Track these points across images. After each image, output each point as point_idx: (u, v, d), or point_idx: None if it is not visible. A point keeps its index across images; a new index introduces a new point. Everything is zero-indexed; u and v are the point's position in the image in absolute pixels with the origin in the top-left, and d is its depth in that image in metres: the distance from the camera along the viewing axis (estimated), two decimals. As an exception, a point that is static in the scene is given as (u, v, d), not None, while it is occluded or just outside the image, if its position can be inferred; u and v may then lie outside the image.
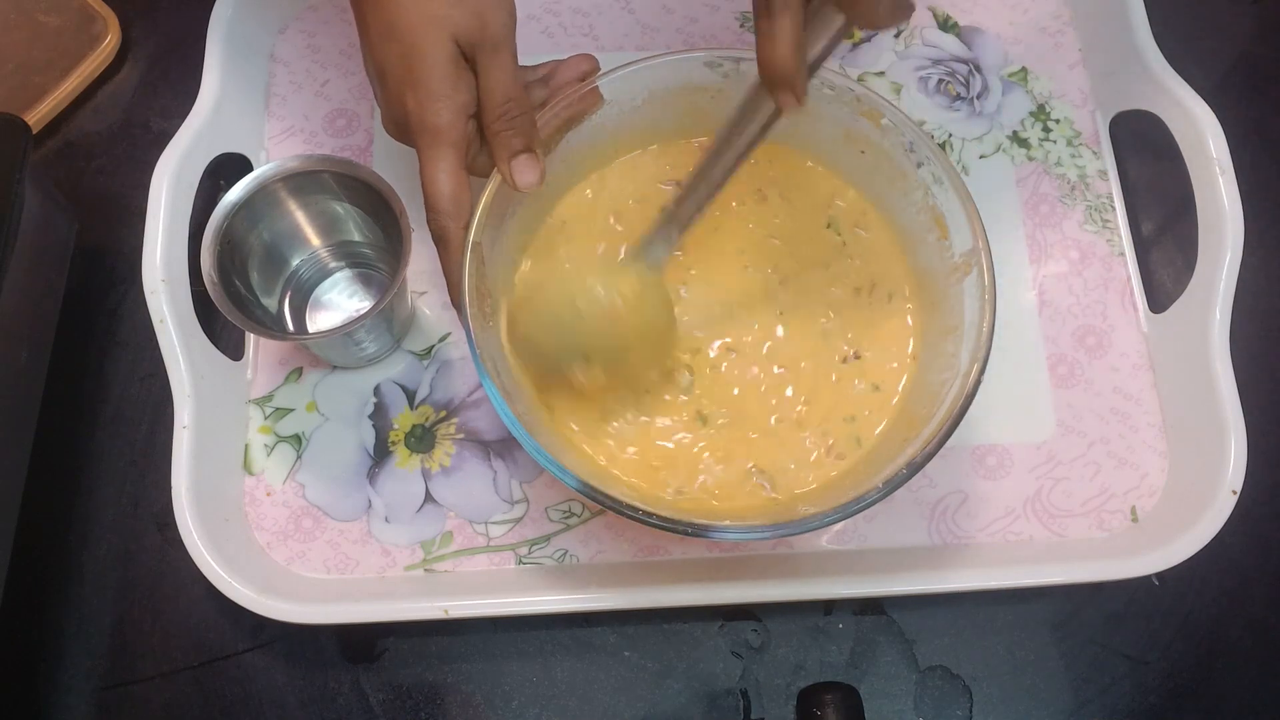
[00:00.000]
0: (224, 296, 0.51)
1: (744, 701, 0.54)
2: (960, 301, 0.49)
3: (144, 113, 0.65)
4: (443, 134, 0.47)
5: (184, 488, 0.51)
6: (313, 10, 0.66)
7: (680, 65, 0.52)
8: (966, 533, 0.57)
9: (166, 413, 0.53)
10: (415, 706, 0.54)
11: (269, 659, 0.55)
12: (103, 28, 0.65)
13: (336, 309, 0.60)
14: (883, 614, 0.56)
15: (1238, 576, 0.57)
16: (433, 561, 0.56)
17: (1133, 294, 0.61)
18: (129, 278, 0.61)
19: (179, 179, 0.56)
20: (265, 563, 0.55)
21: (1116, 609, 0.56)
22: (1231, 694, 0.56)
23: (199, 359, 0.54)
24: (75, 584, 0.56)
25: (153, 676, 0.55)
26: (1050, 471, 0.58)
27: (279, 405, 0.58)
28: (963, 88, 0.66)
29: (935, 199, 0.50)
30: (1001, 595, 0.56)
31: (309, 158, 0.54)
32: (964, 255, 0.49)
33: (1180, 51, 0.61)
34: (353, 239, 0.59)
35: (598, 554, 0.56)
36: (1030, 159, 0.64)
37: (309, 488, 0.57)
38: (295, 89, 0.65)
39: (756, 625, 0.56)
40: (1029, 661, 0.55)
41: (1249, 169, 0.58)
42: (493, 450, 0.58)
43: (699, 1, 0.67)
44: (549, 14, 0.67)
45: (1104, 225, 0.63)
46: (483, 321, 0.48)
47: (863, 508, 0.44)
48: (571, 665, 0.55)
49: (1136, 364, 0.60)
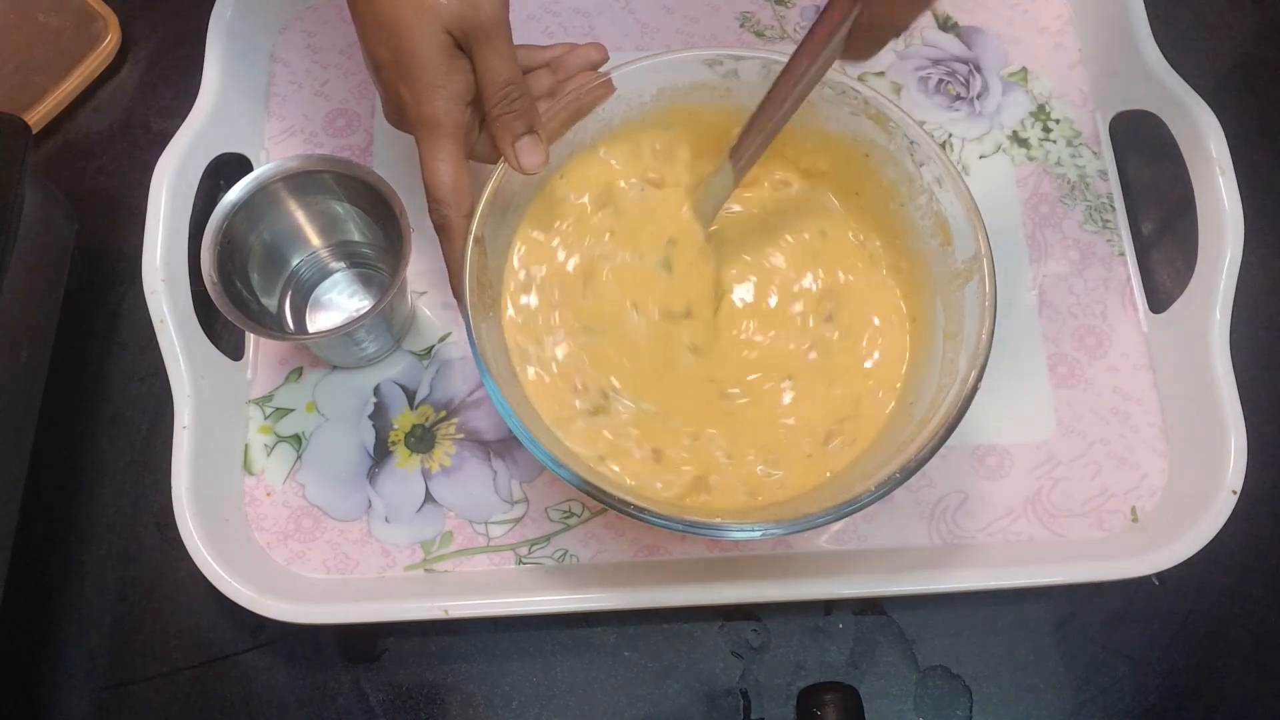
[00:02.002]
0: (224, 296, 0.51)
1: (744, 701, 0.54)
2: (961, 307, 0.49)
3: (144, 113, 0.65)
4: (440, 124, 0.48)
5: (184, 488, 0.51)
6: (313, 10, 0.67)
7: (688, 64, 0.52)
8: (966, 533, 0.57)
9: (166, 413, 0.53)
10: (415, 706, 0.54)
11: (269, 659, 0.55)
12: (103, 28, 0.65)
13: (336, 309, 0.60)
14: (883, 614, 0.56)
15: (1238, 576, 0.57)
16: (433, 561, 0.56)
17: (1133, 294, 0.61)
18: (129, 278, 0.61)
19: (179, 179, 0.56)
20: (265, 563, 0.55)
21: (1116, 609, 0.56)
22: (1231, 694, 0.56)
23: (199, 359, 0.54)
24: (75, 584, 0.56)
25: (153, 676, 0.55)
26: (1050, 471, 0.58)
27: (279, 405, 0.58)
28: (963, 88, 0.66)
29: (939, 204, 0.50)
30: (1001, 595, 0.56)
31: (309, 158, 0.54)
32: (966, 262, 0.49)
33: (1180, 51, 0.61)
34: (353, 239, 0.59)
35: (598, 554, 0.56)
36: (1030, 159, 0.64)
37: (309, 488, 0.57)
38: (295, 89, 0.65)
39: (756, 625, 0.56)
40: (1029, 661, 0.55)
41: (1249, 169, 0.58)
42: (493, 450, 0.58)
43: (699, 1, 0.67)
44: (549, 14, 0.67)
45: (1104, 225, 0.63)
46: (483, 312, 0.48)
47: (858, 508, 0.44)
48: (571, 665, 0.55)
49: (1136, 364, 0.60)
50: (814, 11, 0.67)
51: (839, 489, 0.48)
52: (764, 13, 0.67)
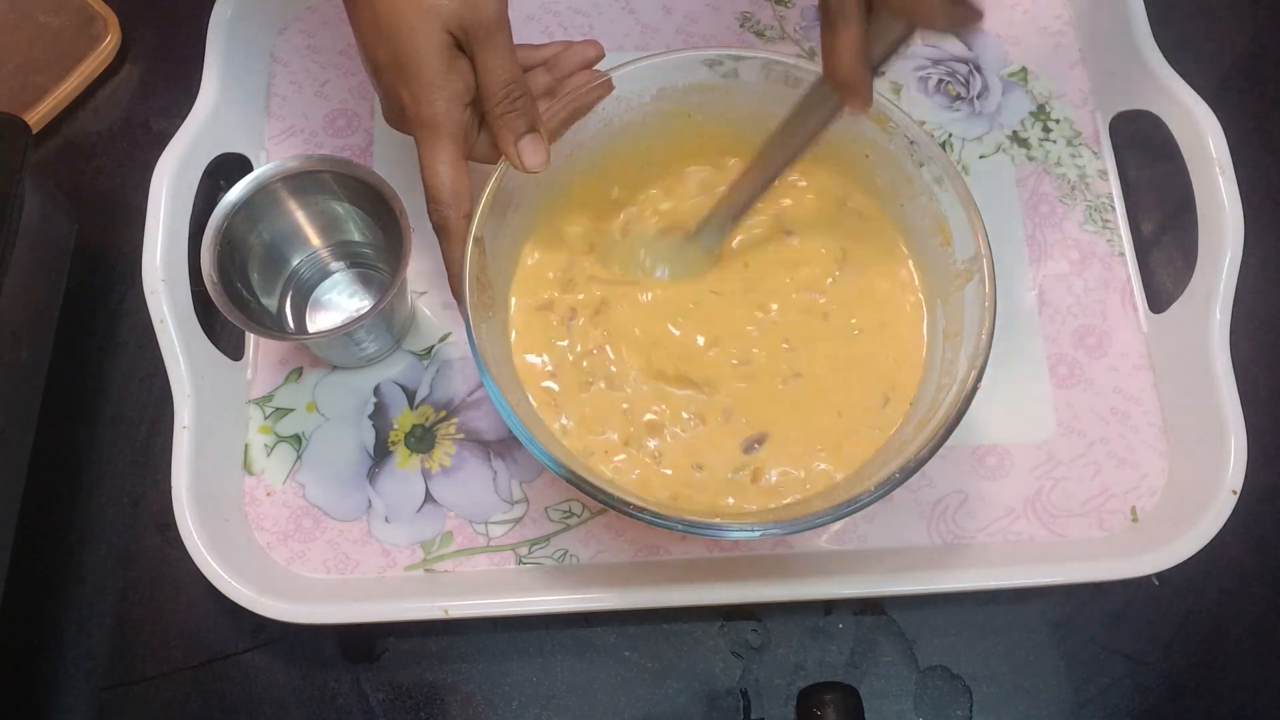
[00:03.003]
0: (224, 296, 0.51)
1: (744, 701, 0.54)
2: (961, 307, 0.49)
3: (144, 113, 0.65)
4: (439, 124, 0.48)
5: (184, 488, 0.51)
6: (313, 10, 0.67)
7: (687, 63, 0.52)
8: (966, 533, 0.57)
9: (166, 413, 0.53)
10: (415, 706, 0.54)
11: (269, 659, 0.55)
12: (103, 28, 0.65)
13: (336, 309, 0.60)
14: (883, 614, 0.56)
15: (1238, 576, 0.57)
16: (433, 561, 0.56)
17: (1133, 294, 0.61)
18: (129, 278, 0.61)
19: (179, 179, 0.56)
20: (265, 563, 0.55)
21: (1116, 609, 0.56)
22: (1231, 694, 0.56)
23: (199, 359, 0.54)
24: (75, 584, 0.56)
25: (153, 676, 0.55)
26: (1050, 471, 0.58)
27: (279, 405, 0.58)
28: (963, 88, 0.66)
29: (939, 204, 0.50)
30: (1001, 595, 0.56)
31: (309, 158, 0.54)
32: (966, 262, 0.49)
33: (1180, 51, 0.61)
34: (353, 239, 0.59)
35: (598, 554, 0.56)
36: (1030, 159, 0.64)
37: (309, 488, 0.57)
38: (295, 89, 0.65)
39: (756, 625, 0.56)
40: (1029, 661, 0.55)
41: (1249, 169, 0.58)
42: (493, 450, 0.58)
43: (699, 1, 0.67)
44: (549, 14, 0.67)
45: (1104, 225, 0.63)
46: (483, 312, 0.48)
47: (858, 508, 0.44)
48: (571, 665, 0.55)
49: (1136, 364, 0.60)
50: (814, 12, 0.68)
51: (839, 489, 0.48)
52: (764, 13, 0.67)
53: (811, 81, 0.47)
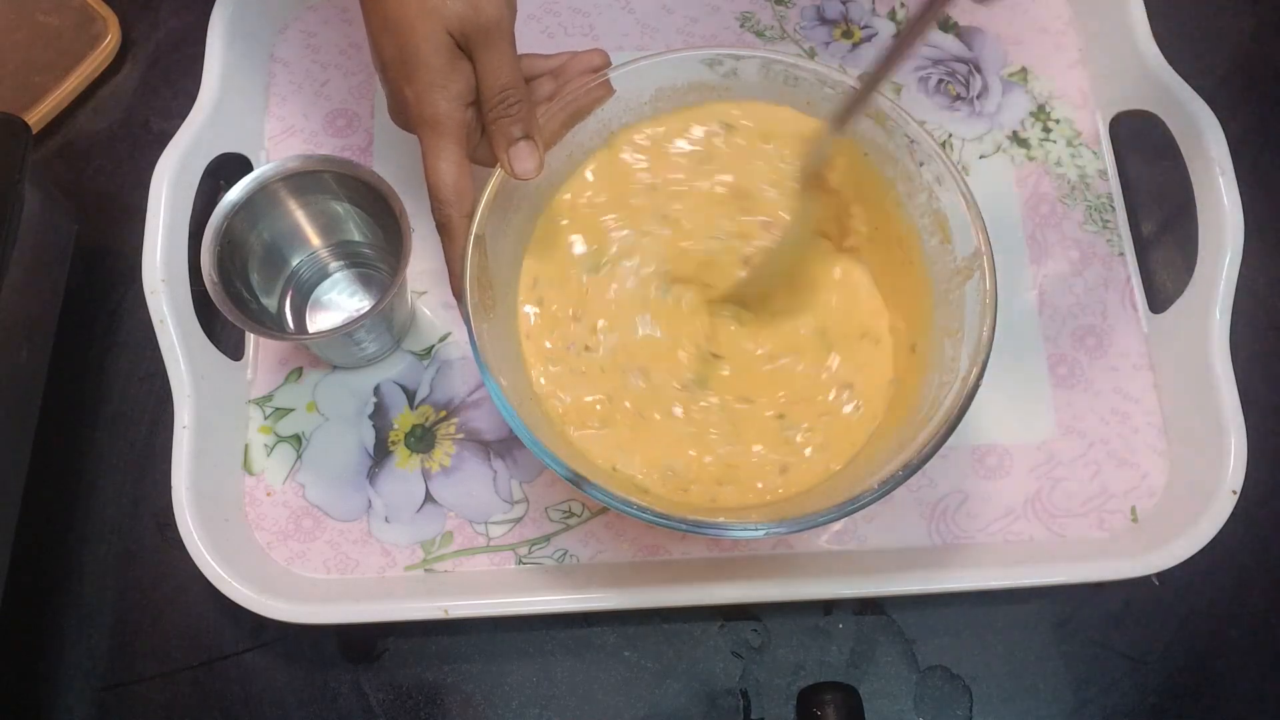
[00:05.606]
0: (224, 296, 0.51)
1: (744, 701, 0.54)
2: (961, 305, 0.49)
3: (144, 113, 0.65)
4: (441, 124, 0.48)
5: (184, 488, 0.51)
6: (313, 10, 0.67)
7: (687, 62, 0.52)
8: (966, 533, 0.57)
9: (166, 413, 0.53)
10: (415, 706, 0.54)
11: (269, 659, 0.55)
12: (103, 28, 0.65)
13: (336, 309, 0.60)
14: (883, 614, 0.56)
15: (1238, 576, 0.57)
16: (433, 561, 0.56)
17: (1133, 294, 0.61)
18: (129, 278, 0.61)
19: (179, 179, 0.56)
20: (265, 563, 0.55)
21: (1116, 609, 0.56)
22: (1231, 694, 0.56)
23: (199, 359, 0.54)
24: (75, 584, 0.56)
25: (153, 676, 0.54)
26: (1050, 471, 0.58)
27: (279, 405, 0.58)
28: (963, 88, 0.66)
29: (939, 202, 0.50)
30: (1001, 595, 0.56)
31: (309, 158, 0.54)
32: (966, 259, 0.49)
33: (1180, 51, 0.61)
34: (353, 239, 0.59)
35: (598, 554, 0.56)
36: (1030, 159, 0.64)
37: (309, 488, 0.57)
38: (295, 89, 0.65)
39: (756, 625, 0.56)
40: (1029, 661, 0.55)
41: (1249, 169, 0.58)
42: (493, 450, 0.58)
43: (699, 1, 0.67)
44: (548, 14, 0.67)
45: (1104, 225, 0.63)
46: (483, 312, 0.48)
47: (859, 508, 0.44)
48: (571, 665, 0.55)
49: (1136, 364, 0.60)
50: (814, 11, 0.68)
51: (840, 489, 0.48)
52: (764, 13, 0.67)
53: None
